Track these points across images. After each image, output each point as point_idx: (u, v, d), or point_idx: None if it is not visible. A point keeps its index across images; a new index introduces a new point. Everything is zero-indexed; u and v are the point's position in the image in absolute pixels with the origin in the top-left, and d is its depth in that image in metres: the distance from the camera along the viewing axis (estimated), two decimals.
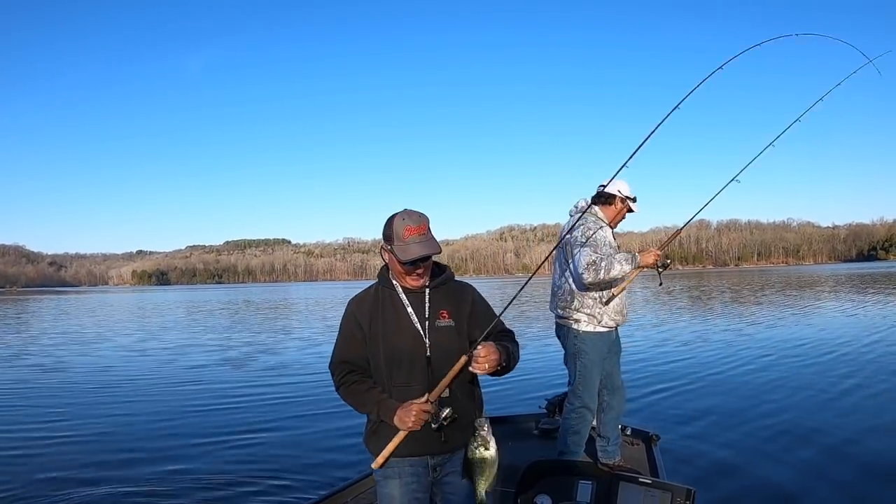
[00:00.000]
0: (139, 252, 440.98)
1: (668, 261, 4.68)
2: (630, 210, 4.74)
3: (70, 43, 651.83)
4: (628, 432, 5.24)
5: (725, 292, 40.84)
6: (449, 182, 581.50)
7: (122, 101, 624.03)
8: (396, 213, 2.56)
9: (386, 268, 2.68)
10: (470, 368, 2.40)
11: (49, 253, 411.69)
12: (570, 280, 4.55)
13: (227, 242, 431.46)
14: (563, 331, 4.66)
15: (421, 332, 2.57)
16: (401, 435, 2.47)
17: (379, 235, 2.65)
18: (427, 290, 2.63)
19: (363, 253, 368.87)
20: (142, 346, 18.99)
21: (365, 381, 2.61)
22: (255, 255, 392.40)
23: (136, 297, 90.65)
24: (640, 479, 3.54)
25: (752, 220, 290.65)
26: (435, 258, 2.62)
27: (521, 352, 2.68)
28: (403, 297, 2.62)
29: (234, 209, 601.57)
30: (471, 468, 2.34)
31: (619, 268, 4.29)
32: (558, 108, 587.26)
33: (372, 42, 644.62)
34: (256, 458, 6.73)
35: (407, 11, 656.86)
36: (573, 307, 4.54)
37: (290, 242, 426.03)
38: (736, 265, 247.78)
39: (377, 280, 2.72)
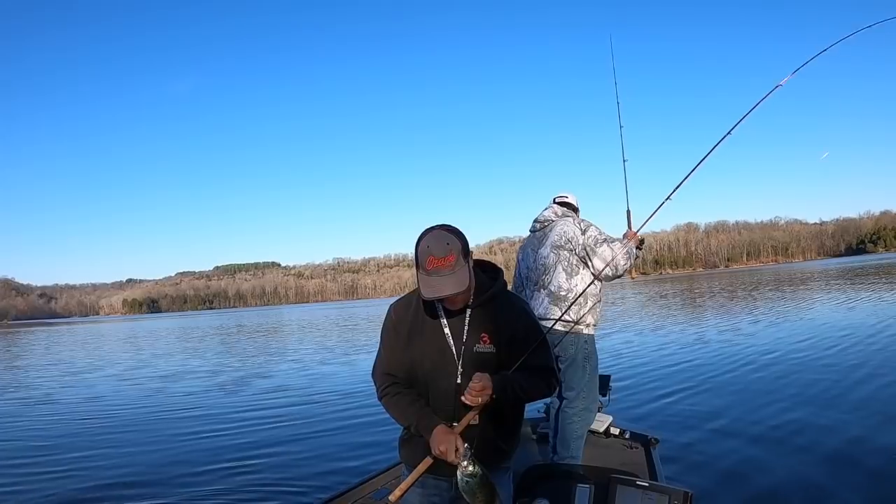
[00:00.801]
0: (129, 281, 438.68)
1: (643, 241, 4.59)
2: None
3: (55, 73, 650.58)
4: (627, 436, 5.20)
5: (720, 293, 40.86)
6: (439, 196, 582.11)
7: (109, 131, 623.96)
8: (426, 234, 2.31)
9: None
10: (462, 398, 2.29)
11: (39, 285, 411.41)
12: (582, 283, 4.42)
13: (217, 267, 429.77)
14: (571, 338, 4.39)
15: (455, 355, 2.39)
16: (420, 469, 2.34)
17: (369, 254, 2.64)
18: (468, 310, 2.42)
19: (353, 273, 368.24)
20: (133, 374, 18.71)
21: (408, 392, 2.45)
22: (246, 280, 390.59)
23: (127, 325, 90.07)
24: (638, 483, 3.50)
25: (741, 221, 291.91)
26: (489, 255, 2.37)
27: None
28: (442, 314, 2.42)
29: (222, 234, 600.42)
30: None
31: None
32: (548, 119, 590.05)
33: (357, 64, 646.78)
34: (254, 482, 6.63)
35: (385, 33, 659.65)
36: (584, 311, 4.41)
37: (279, 265, 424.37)
38: (726, 266, 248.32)
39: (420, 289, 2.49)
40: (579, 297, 4.33)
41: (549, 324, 4.13)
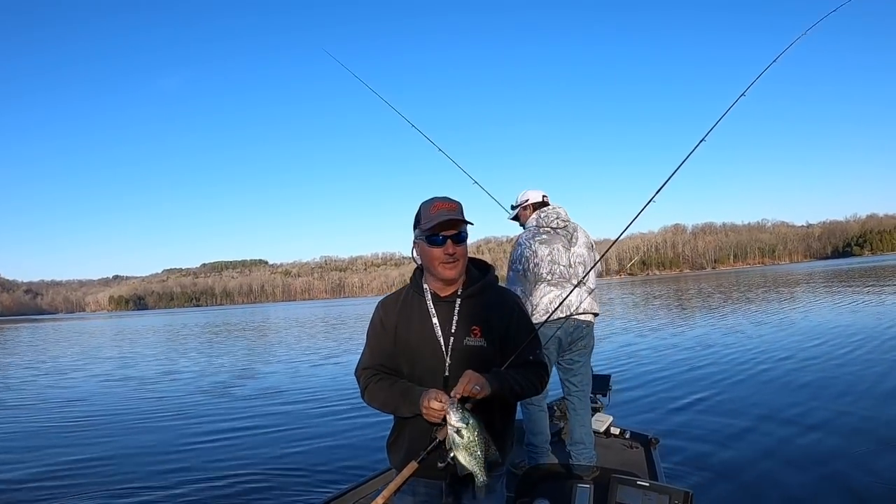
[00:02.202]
0: (115, 277, 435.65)
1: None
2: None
3: (44, 70, 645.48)
4: (627, 435, 5.18)
5: (715, 294, 40.97)
6: (422, 196, 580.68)
7: (96, 128, 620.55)
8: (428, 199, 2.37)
9: (419, 271, 2.46)
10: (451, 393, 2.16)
11: (25, 281, 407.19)
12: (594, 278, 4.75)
13: (204, 265, 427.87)
14: (591, 328, 4.69)
15: (443, 348, 2.33)
16: (405, 474, 2.24)
17: (356, 253, 2.54)
18: (458, 300, 2.37)
19: (340, 271, 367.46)
20: (121, 373, 18.37)
21: (388, 377, 2.38)
22: (233, 277, 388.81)
23: (113, 322, 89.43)
24: (639, 482, 3.48)
25: (728, 223, 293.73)
26: (477, 254, 2.38)
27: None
28: (431, 305, 2.38)
29: (210, 232, 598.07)
30: (457, 461, 2.12)
31: None
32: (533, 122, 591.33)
33: (348, 63, 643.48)
34: (245, 485, 6.47)
35: (374, 31, 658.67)
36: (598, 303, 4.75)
37: (267, 263, 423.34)
38: (713, 268, 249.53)
39: (409, 283, 2.49)
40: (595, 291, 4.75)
41: (588, 318, 4.62)
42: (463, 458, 2.10)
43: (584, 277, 4.54)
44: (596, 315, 4.68)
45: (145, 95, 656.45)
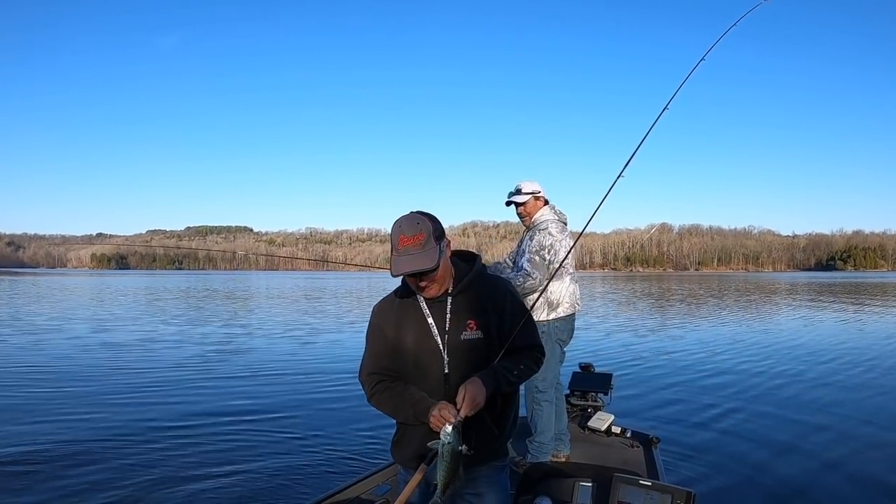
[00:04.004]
0: (99, 235, 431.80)
1: None
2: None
3: (36, 27, 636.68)
4: (628, 434, 5.17)
5: (710, 296, 41.27)
6: (411, 177, 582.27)
7: (86, 83, 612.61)
8: (400, 218, 2.31)
9: None
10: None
11: (7, 233, 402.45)
12: None
13: (189, 228, 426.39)
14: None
15: (440, 346, 2.37)
16: (415, 480, 2.32)
17: (342, 227, 2.47)
18: (449, 298, 2.39)
19: (325, 244, 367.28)
20: (100, 337, 17.22)
21: (396, 385, 2.42)
22: (217, 242, 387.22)
23: (94, 280, 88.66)
24: (641, 482, 3.44)
25: (714, 226, 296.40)
26: (463, 247, 2.42)
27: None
28: (424, 306, 2.40)
29: (196, 195, 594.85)
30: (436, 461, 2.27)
31: None
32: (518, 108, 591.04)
33: (342, 33, 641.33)
34: (241, 479, 5.88)
35: (370, 8, 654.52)
36: None
37: (252, 230, 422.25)
38: (696, 269, 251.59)
39: (402, 285, 2.48)
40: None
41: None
42: (439, 468, 2.24)
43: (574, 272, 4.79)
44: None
45: (141, 52, 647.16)
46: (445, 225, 2.39)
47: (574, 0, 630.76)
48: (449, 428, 2.17)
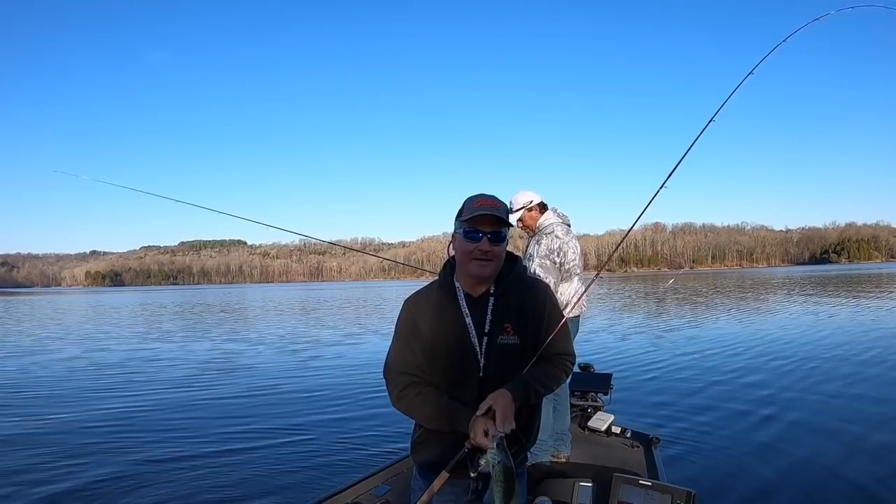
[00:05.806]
0: (93, 252, 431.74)
1: None
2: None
3: (30, 42, 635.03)
4: (628, 434, 5.16)
5: (706, 294, 41.18)
6: (405, 184, 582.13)
7: (78, 101, 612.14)
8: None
9: (449, 266, 2.39)
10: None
11: (1, 252, 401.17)
12: None
13: (183, 243, 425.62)
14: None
15: (477, 348, 2.28)
16: (437, 484, 2.25)
17: (336, 237, 2.40)
18: (491, 298, 2.32)
19: (319, 255, 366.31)
20: (89, 357, 17.51)
21: (430, 391, 2.30)
22: (211, 256, 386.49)
23: (89, 298, 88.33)
24: (641, 482, 3.44)
25: (707, 224, 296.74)
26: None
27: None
28: (464, 304, 2.32)
29: (189, 210, 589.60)
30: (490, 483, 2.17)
31: None
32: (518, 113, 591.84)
33: (334, 43, 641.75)
34: (244, 478, 5.97)
35: (365, 16, 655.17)
36: None
37: (245, 243, 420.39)
38: (690, 268, 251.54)
39: (438, 279, 2.40)
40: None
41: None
42: (495, 490, 2.13)
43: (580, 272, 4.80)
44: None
45: (132, 68, 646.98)
46: (438, 231, 2.37)
47: (574, 0, 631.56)
48: (495, 446, 2.09)
